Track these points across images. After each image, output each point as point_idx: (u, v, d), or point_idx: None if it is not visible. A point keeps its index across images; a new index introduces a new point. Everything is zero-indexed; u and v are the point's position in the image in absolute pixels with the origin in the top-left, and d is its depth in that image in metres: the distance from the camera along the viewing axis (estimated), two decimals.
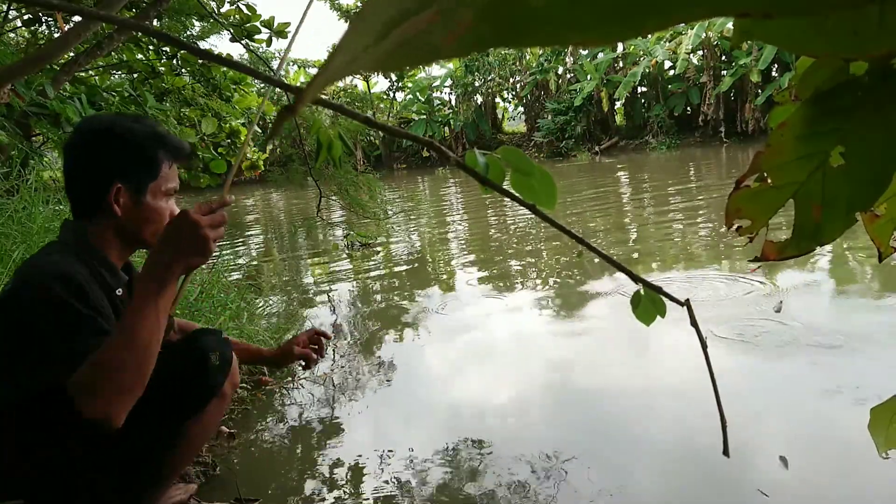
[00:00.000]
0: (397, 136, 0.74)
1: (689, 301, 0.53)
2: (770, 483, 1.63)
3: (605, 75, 19.66)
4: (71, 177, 1.27)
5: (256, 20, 3.77)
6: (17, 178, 3.13)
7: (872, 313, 2.88)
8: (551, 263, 4.74)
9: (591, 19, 0.16)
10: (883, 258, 0.53)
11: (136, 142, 1.25)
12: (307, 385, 2.60)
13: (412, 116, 23.14)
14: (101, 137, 1.26)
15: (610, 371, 2.50)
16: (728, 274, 3.79)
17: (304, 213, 7.81)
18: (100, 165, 1.25)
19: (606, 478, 1.73)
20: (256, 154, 6.87)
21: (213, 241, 1.06)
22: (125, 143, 1.25)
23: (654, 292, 0.57)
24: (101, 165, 1.25)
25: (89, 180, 1.25)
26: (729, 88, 17.83)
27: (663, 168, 13.23)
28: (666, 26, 0.17)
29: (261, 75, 0.51)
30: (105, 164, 1.24)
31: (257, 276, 4.99)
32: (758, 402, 2.08)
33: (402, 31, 0.17)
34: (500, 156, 0.58)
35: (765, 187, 0.46)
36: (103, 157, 1.25)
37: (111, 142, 1.25)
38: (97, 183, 1.24)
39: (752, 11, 0.17)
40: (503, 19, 0.16)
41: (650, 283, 0.56)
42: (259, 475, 1.91)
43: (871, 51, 0.29)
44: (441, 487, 1.75)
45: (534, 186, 0.57)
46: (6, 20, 4.08)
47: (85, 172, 1.26)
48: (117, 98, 3.90)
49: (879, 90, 0.40)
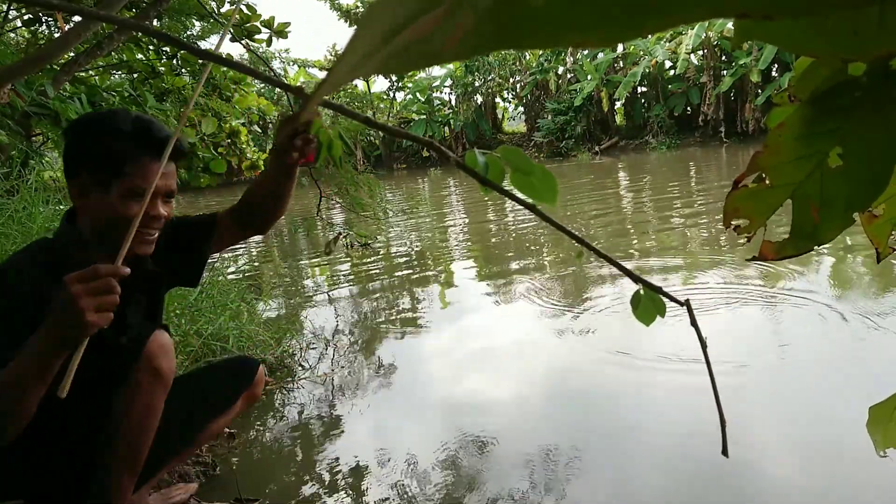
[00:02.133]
0: (397, 136, 0.74)
1: (689, 301, 0.53)
2: (770, 481, 1.64)
3: (605, 75, 19.66)
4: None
5: (256, 20, 3.77)
6: (17, 178, 3.13)
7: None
8: (551, 263, 4.74)
9: (591, 20, 0.17)
10: (881, 259, 0.53)
11: (102, 134, 1.23)
12: (307, 385, 2.60)
13: (412, 116, 23.14)
14: (74, 129, 1.26)
15: (610, 370, 2.50)
16: (730, 275, 3.79)
17: (304, 212, 7.81)
18: (69, 156, 1.25)
19: (607, 477, 1.73)
20: (256, 154, 6.86)
21: (94, 312, 0.96)
22: (91, 136, 1.23)
23: (654, 292, 0.57)
24: (70, 156, 1.25)
25: (65, 170, 1.27)
26: (729, 88, 17.83)
27: (663, 168, 13.23)
28: (666, 27, 0.17)
29: (262, 76, 0.51)
30: (72, 156, 1.25)
31: (257, 276, 4.99)
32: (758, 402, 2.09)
33: (404, 36, 0.17)
34: (500, 155, 0.58)
35: (763, 187, 0.46)
36: (71, 148, 1.25)
37: (80, 134, 1.25)
38: (68, 173, 1.25)
39: (752, 12, 0.17)
40: (504, 21, 0.16)
41: (650, 283, 0.57)
42: (259, 475, 1.91)
43: (870, 51, 0.29)
44: (441, 488, 1.75)
45: (534, 185, 0.57)
46: (6, 20, 4.08)
47: (64, 162, 1.27)
48: (117, 98, 3.90)
49: (878, 91, 0.40)
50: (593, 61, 19.86)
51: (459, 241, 6.43)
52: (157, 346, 1.31)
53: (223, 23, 3.71)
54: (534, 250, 5.38)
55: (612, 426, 2.04)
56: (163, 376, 1.31)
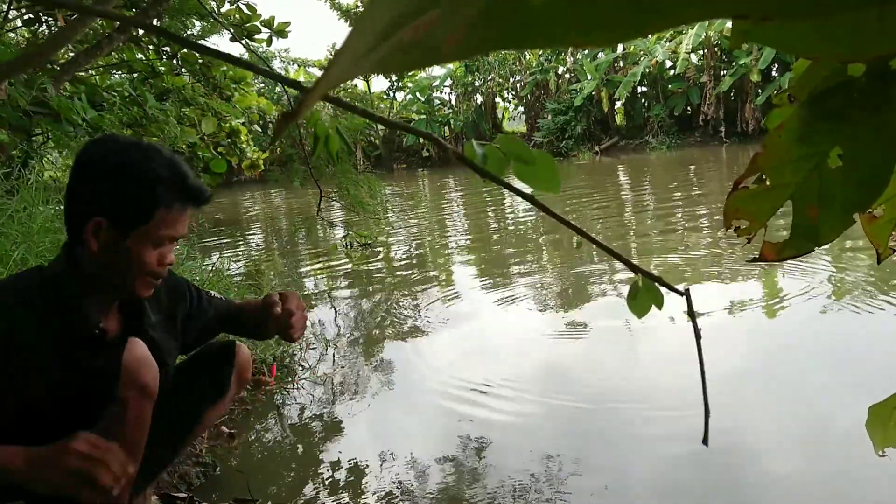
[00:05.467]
0: (396, 128, 0.74)
1: (689, 290, 0.53)
2: (771, 478, 1.64)
3: (606, 75, 19.65)
4: (66, 196, 1.19)
5: (256, 20, 3.77)
6: (17, 179, 3.13)
7: None
8: (551, 263, 4.74)
9: (591, 20, 0.17)
10: (881, 259, 0.53)
11: (130, 178, 1.13)
12: (307, 385, 2.60)
13: (412, 116, 23.12)
14: (94, 165, 1.15)
15: (610, 370, 2.50)
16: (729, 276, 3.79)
17: (304, 212, 7.82)
18: (84, 195, 1.15)
19: (606, 476, 1.73)
20: (256, 153, 6.86)
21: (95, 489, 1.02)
22: (116, 178, 1.13)
23: (652, 282, 0.57)
24: (85, 195, 1.15)
25: (73, 206, 1.16)
26: (729, 88, 17.82)
27: (664, 168, 13.23)
28: (665, 27, 0.17)
29: (263, 71, 0.51)
30: (89, 195, 1.14)
31: (257, 276, 4.99)
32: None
33: (403, 35, 0.17)
34: (499, 146, 0.57)
35: (763, 188, 0.46)
36: (89, 187, 1.14)
37: (102, 173, 1.14)
38: (78, 212, 1.14)
39: (750, 14, 0.17)
40: (503, 21, 0.17)
41: (648, 273, 0.56)
42: (259, 475, 1.91)
43: (870, 52, 0.29)
44: (441, 487, 1.75)
45: (536, 174, 0.56)
46: (6, 20, 4.08)
47: (71, 197, 1.16)
48: (117, 98, 3.90)
49: (877, 92, 0.40)
50: (593, 61, 19.85)
51: (459, 240, 6.43)
52: (135, 360, 1.22)
53: (223, 22, 3.71)
54: (534, 250, 5.38)
55: (613, 426, 2.04)
56: (149, 390, 1.26)
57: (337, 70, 0.19)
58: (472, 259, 5.34)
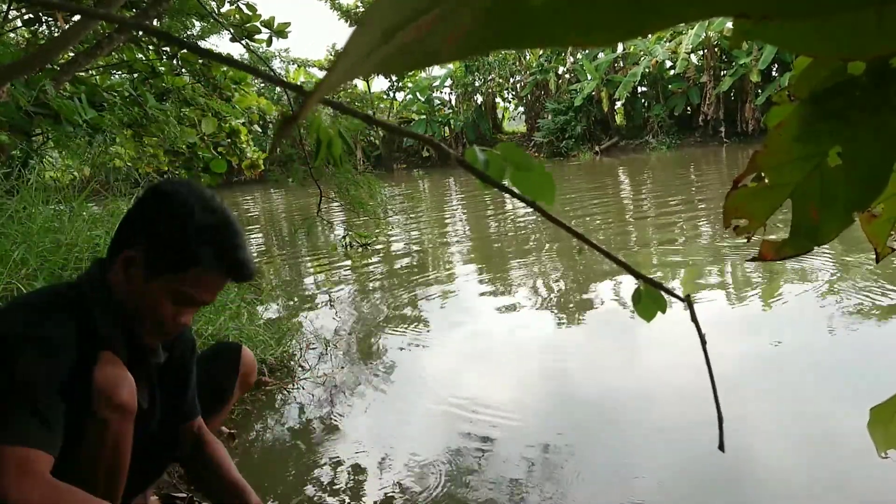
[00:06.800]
0: (397, 133, 0.74)
1: (690, 297, 0.53)
2: (771, 478, 1.64)
3: (605, 75, 19.65)
4: (122, 218, 1.22)
5: (256, 20, 3.77)
6: (17, 179, 3.13)
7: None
8: (551, 262, 4.74)
9: (591, 21, 0.17)
10: (880, 258, 0.53)
11: (181, 226, 1.14)
12: (307, 386, 2.60)
13: (412, 116, 23.13)
14: (159, 200, 1.17)
15: (610, 370, 2.50)
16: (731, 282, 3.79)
17: (304, 212, 7.82)
18: (134, 222, 1.18)
19: (607, 475, 1.73)
20: (256, 153, 6.86)
21: None
22: (170, 221, 1.15)
23: (654, 289, 0.57)
24: (135, 224, 1.18)
25: (121, 229, 1.19)
26: (729, 88, 17.83)
27: (664, 168, 13.23)
28: (665, 27, 0.17)
29: (263, 74, 0.51)
30: (138, 225, 1.17)
31: (257, 276, 4.99)
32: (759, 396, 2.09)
33: (403, 36, 0.17)
34: (500, 153, 0.58)
35: (762, 187, 0.46)
36: (142, 217, 1.18)
37: (160, 210, 1.16)
38: (122, 237, 1.18)
39: (751, 13, 0.17)
40: (503, 21, 0.17)
41: (650, 279, 0.56)
42: (259, 475, 1.91)
43: (870, 51, 0.29)
44: (441, 487, 1.75)
45: (533, 182, 0.57)
46: (6, 20, 4.08)
47: (125, 220, 1.19)
48: (118, 98, 3.90)
49: (877, 90, 0.40)
50: (593, 61, 19.85)
51: (459, 240, 6.43)
52: (105, 379, 1.14)
53: (223, 23, 3.71)
54: (534, 250, 5.38)
55: (613, 425, 2.04)
56: (128, 408, 1.19)
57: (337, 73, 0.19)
58: (473, 259, 5.33)
